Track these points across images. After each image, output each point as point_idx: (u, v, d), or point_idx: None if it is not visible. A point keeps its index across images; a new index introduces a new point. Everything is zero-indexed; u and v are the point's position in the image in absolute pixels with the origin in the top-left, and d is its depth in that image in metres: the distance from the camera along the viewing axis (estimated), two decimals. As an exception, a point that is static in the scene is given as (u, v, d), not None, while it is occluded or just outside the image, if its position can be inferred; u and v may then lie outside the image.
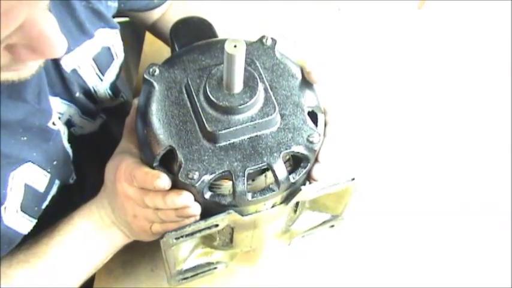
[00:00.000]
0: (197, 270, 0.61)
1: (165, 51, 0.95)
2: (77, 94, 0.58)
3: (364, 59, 0.93)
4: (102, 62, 0.61)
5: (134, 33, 1.01)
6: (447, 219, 0.77)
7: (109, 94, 0.65)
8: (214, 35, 0.62)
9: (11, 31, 0.33)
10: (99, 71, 0.61)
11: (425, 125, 0.87)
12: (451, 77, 0.92)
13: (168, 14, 0.77)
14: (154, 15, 0.76)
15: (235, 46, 0.42)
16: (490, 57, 0.95)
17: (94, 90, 0.61)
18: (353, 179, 0.54)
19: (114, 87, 0.65)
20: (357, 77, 0.91)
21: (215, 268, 0.63)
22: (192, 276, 0.61)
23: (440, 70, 0.93)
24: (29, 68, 0.42)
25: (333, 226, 0.68)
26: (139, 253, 0.70)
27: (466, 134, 0.86)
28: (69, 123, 0.60)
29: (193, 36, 0.61)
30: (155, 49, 0.94)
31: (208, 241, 0.58)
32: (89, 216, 0.57)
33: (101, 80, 0.62)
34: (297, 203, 0.59)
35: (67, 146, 0.59)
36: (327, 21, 0.97)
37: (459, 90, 0.91)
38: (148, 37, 0.95)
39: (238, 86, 0.46)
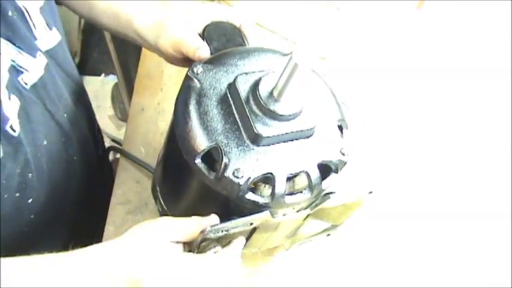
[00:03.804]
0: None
1: (164, 53, 0.94)
2: (10, 13, 0.52)
3: (364, 58, 0.94)
4: None
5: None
6: (447, 219, 0.78)
7: (43, 22, 0.59)
8: (244, 41, 0.63)
9: None
10: None
11: (424, 125, 0.88)
12: (450, 77, 0.93)
13: None
14: None
15: (301, 57, 0.44)
16: (490, 57, 0.96)
17: (26, 10, 0.55)
18: (371, 192, 0.57)
19: (44, 13, 0.59)
20: (357, 76, 0.91)
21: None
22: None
23: (439, 70, 0.94)
24: None
25: (329, 235, 0.71)
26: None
27: (466, 134, 0.87)
28: (14, 70, 0.53)
29: (225, 41, 0.62)
30: (155, 50, 0.93)
31: (223, 240, 0.59)
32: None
33: None
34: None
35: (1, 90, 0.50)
36: (327, 21, 0.98)
37: (459, 90, 0.92)
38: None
39: (289, 94, 0.48)
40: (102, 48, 1.85)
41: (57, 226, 0.70)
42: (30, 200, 0.60)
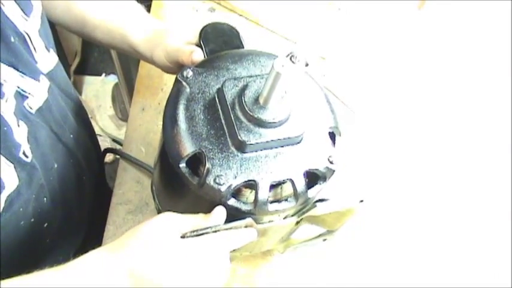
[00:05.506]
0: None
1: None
2: (12, 39, 0.52)
3: (364, 58, 0.92)
4: (22, 3, 0.55)
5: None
6: (447, 219, 0.77)
7: (42, 44, 0.59)
8: (242, 43, 0.63)
9: None
10: (24, 13, 0.55)
11: (424, 125, 0.86)
12: (451, 77, 0.92)
13: None
14: None
15: (283, 66, 0.44)
16: (490, 57, 0.94)
17: (28, 35, 0.55)
18: (361, 201, 0.56)
19: (43, 36, 0.59)
20: (357, 76, 0.90)
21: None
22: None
23: (440, 70, 0.93)
24: None
25: (325, 240, 0.71)
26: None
27: (466, 134, 0.86)
28: (20, 96, 0.53)
29: (222, 43, 0.62)
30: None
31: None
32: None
33: (27, 20, 0.55)
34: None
35: (10, 117, 0.50)
36: (327, 21, 0.97)
37: (459, 90, 0.90)
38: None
39: (275, 101, 0.48)
40: (102, 48, 1.83)
41: (70, 239, 0.71)
42: (45, 225, 0.60)
